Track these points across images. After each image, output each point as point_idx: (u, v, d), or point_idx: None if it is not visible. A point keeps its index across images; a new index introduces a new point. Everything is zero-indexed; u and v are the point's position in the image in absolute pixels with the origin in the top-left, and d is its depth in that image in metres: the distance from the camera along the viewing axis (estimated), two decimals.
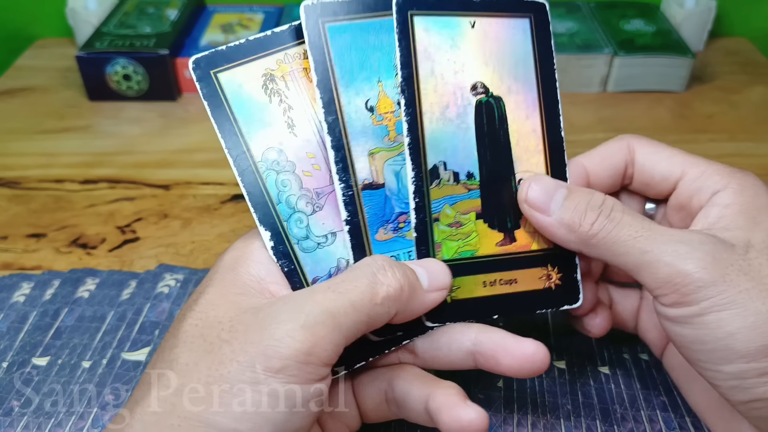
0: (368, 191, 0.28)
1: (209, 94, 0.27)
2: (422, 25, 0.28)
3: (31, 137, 0.57)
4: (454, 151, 0.29)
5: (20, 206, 0.49)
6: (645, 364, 0.36)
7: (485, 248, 0.29)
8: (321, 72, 0.27)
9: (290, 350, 0.23)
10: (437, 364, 0.29)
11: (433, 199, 0.28)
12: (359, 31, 0.28)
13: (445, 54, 0.29)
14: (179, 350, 0.25)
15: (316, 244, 0.28)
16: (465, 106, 0.29)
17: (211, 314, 0.26)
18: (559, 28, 0.65)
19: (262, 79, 0.28)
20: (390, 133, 0.28)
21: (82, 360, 0.36)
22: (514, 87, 0.30)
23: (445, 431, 0.26)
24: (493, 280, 0.29)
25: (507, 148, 0.29)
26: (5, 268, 0.43)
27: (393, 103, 0.28)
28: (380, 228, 0.28)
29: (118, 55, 0.59)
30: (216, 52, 0.28)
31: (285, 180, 0.28)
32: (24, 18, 0.73)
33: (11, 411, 0.33)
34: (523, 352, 0.27)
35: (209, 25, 0.67)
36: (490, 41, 0.29)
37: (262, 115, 0.28)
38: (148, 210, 0.49)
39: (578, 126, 0.59)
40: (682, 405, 0.33)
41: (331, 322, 0.24)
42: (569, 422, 0.33)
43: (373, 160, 0.28)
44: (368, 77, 0.28)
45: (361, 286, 0.25)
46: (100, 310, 0.39)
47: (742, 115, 0.60)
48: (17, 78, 0.66)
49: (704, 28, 0.69)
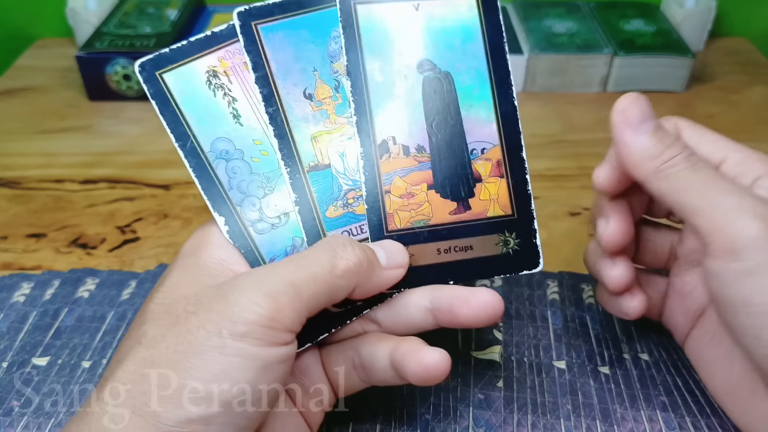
0: (315, 172, 0.30)
1: (156, 94, 0.29)
2: (365, 12, 0.31)
3: (31, 137, 0.57)
4: (402, 126, 0.30)
5: (20, 206, 0.49)
6: (645, 364, 0.36)
7: (438, 217, 0.30)
8: (258, 69, 0.30)
9: (254, 315, 0.24)
10: (399, 329, 0.29)
11: (384, 172, 0.30)
12: (290, 27, 0.30)
13: (390, 36, 0.31)
14: (147, 326, 0.26)
15: (270, 225, 0.30)
16: (412, 83, 0.31)
17: (176, 293, 0.27)
18: (559, 28, 0.65)
19: (205, 75, 0.30)
20: (330, 116, 0.30)
21: (82, 360, 0.36)
22: (462, 62, 0.31)
23: (410, 378, 0.27)
24: (447, 248, 0.30)
25: (458, 121, 0.31)
26: (5, 268, 0.43)
27: (330, 89, 0.30)
28: (330, 205, 0.30)
29: (118, 55, 0.59)
30: (160, 55, 0.30)
31: (235, 167, 0.30)
32: (24, 18, 0.73)
33: (11, 411, 0.33)
34: (479, 301, 0.28)
35: (209, 25, 0.67)
36: (435, 21, 0.31)
37: (208, 109, 0.30)
38: (148, 210, 0.49)
39: (578, 126, 0.59)
40: (682, 405, 0.33)
41: (293, 291, 0.25)
42: (569, 422, 0.33)
43: (317, 143, 0.30)
44: (304, 68, 0.30)
45: (321, 260, 0.26)
46: (100, 310, 0.39)
47: (742, 115, 0.60)
48: (17, 78, 0.66)
49: (704, 28, 0.69)
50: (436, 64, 0.31)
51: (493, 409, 0.33)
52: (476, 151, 0.31)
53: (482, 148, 0.31)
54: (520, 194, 0.31)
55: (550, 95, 0.63)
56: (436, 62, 0.31)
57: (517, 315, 0.39)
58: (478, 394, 0.34)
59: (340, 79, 0.30)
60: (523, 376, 0.35)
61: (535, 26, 0.65)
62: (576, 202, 0.49)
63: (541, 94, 0.63)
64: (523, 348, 0.37)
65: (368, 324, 0.30)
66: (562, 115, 0.60)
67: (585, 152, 0.55)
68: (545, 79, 0.63)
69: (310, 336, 0.29)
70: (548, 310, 0.39)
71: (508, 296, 0.40)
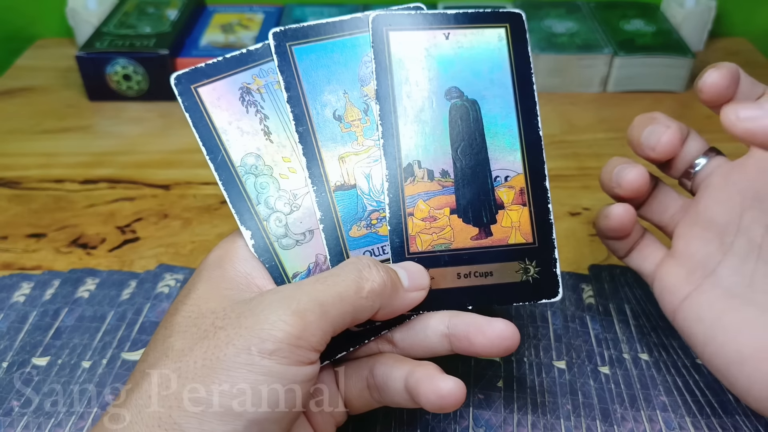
0: (340, 192, 0.30)
1: (190, 107, 0.30)
2: (397, 39, 0.31)
3: (31, 137, 0.57)
4: (428, 151, 0.31)
5: (20, 206, 0.49)
6: (645, 364, 0.36)
7: (460, 241, 0.31)
8: (291, 89, 0.31)
9: (283, 333, 0.24)
10: (415, 351, 0.30)
11: (408, 194, 0.30)
12: (323, 50, 0.31)
13: (420, 63, 0.31)
14: (173, 339, 0.26)
15: (295, 241, 0.30)
16: (440, 109, 0.31)
17: (203, 306, 0.27)
18: (559, 28, 0.65)
19: (239, 92, 0.31)
20: (358, 138, 0.31)
21: (82, 360, 0.36)
22: (489, 91, 0.32)
23: (424, 404, 0.27)
24: (468, 272, 0.30)
25: (483, 148, 0.31)
26: (5, 268, 0.43)
27: (359, 111, 0.31)
28: (354, 225, 0.30)
29: (118, 55, 0.59)
30: (196, 69, 0.31)
31: (263, 183, 0.30)
32: (24, 18, 0.73)
33: (11, 411, 0.33)
34: (494, 331, 0.28)
35: (209, 25, 0.67)
36: (464, 50, 0.32)
37: (240, 124, 0.30)
38: (148, 210, 0.49)
39: (578, 126, 0.59)
40: (682, 405, 0.33)
41: (320, 310, 0.25)
42: (569, 422, 0.33)
43: (344, 164, 0.31)
44: (334, 90, 0.31)
45: (347, 280, 0.26)
46: (100, 310, 0.39)
47: None
48: (17, 78, 0.66)
49: (704, 28, 0.69)
50: (464, 91, 0.31)
51: (493, 409, 0.33)
52: (500, 178, 0.31)
53: (506, 175, 0.31)
54: (541, 223, 0.31)
55: (550, 95, 0.63)
56: (464, 90, 0.31)
57: (517, 315, 0.39)
58: (478, 394, 0.34)
59: (369, 103, 0.31)
60: (523, 376, 0.35)
61: (535, 26, 0.65)
62: (576, 202, 0.49)
63: (541, 94, 0.62)
64: (523, 348, 0.37)
65: (384, 344, 0.30)
66: (562, 115, 0.60)
67: (585, 152, 0.55)
68: (545, 79, 0.63)
69: (328, 354, 0.29)
70: (548, 310, 0.39)
71: None
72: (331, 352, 0.29)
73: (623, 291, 0.41)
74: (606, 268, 0.42)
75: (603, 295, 0.40)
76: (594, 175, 0.51)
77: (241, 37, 0.65)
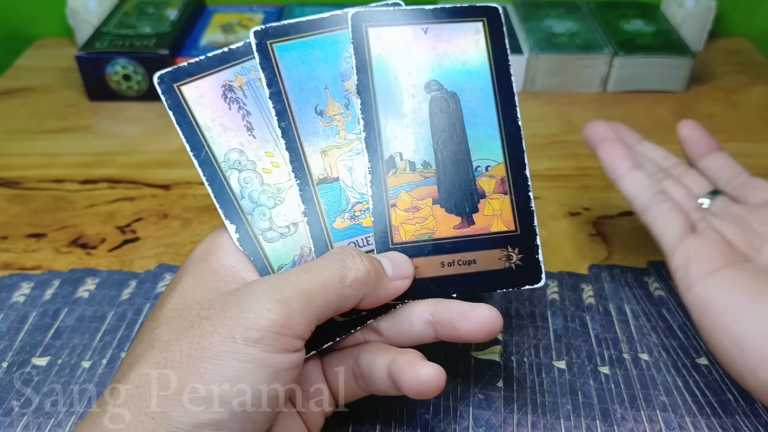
0: (324, 185, 0.31)
1: (173, 105, 0.31)
2: (376, 34, 0.32)
3: (31, 137, 0.57)
4: (409, 143, 0.31)
5: (20, 206, 0.49)
6: (645, 364, 0.36)
7: (443, 231, 0.31)
8: (273, 86, 0.31)
9: (267, 321, 0.25)
10: (401, 340, 0.30)
11: (391, 186, 0.31)
12: (304, 47, 0.32)
13: (399, 57, 0.32)
14: (160, 330, 0.26)
15: (279, 234, 0.30)
16: (420, 102, 0.32)
17: (189, 298, 0.27)
18: (559, 28, 0.65)
19: (221, 89, 0.31)
20: (340, 132, 0.31)
21: (82, 360, 0.36)
22: (468, 83, 0.32)
23: (405, 391, 0.27)
24: (451, 261, 0.31)
25: (463, 139, 0.32)
26: (5, 268, 0.43)
27: (340, 106, 0.32)
28: (337, 217, 0.31)
29: (118, 55, 0.59)
30: (179, 68, 0.31)
31: (247, 177, 0.31)
32: (24, 18, 0.73)
33: (11, 411, 0.33)
34: (478, 317, 0.28)
35: (209, 25, 0.67)
36: (443, 43, 0.32)
37: (223, 121, 0.31)
38: (148, 210, 0.49)
39: (578, 126, 0.58)
40: (682, 405, 0.33)
41: (304, 299, 0.26)
42: (569, 422, 0.33)
43: (326, 157, 0.31)
44: (315, 86, 0.31)
45: (331, 269, 0.27)
46: (100, 310, 0.39)
47: (742, 115, 0.60)
48: (17, 78, 0.66)
49: (704, 28, 0.69)
50: (443, 84, 0.32)
51: (493, 409, 0.33)
52: (481, 168, 0.32)
53: (487, 165, 0.32)
54: (523, 211, 0.31)
55: (550, 95, 0.63)
56: (443, 83, 0.32)
57: (517, 315, 0.39)
58: (478, 394, 0.34)
59: (350, 97, 0.32)
60: (523, 376, 0.35)
61: (535, 26, 0.65)
62: (576, 202, 0.49)
63: (541, 94, 0.63)
64: (523, 348, 0.37)
65: (370, 333, 0.30)
66: (562, 115, 0.60)
67: (585, 152, 0.55)
68: (545, 79, 0.63)
69: (315, 344, 0.29)
70: (548, 310, 0.39)
71: (508, 296, 0.40)
72: (316, 343, 0.29)
73: (623, 291, 0.41)
74: (606, 268, 0.42)
75: (603, 295, 0.40)
76: (594, 175, 0.51)
77: (241, 37, 0.65)
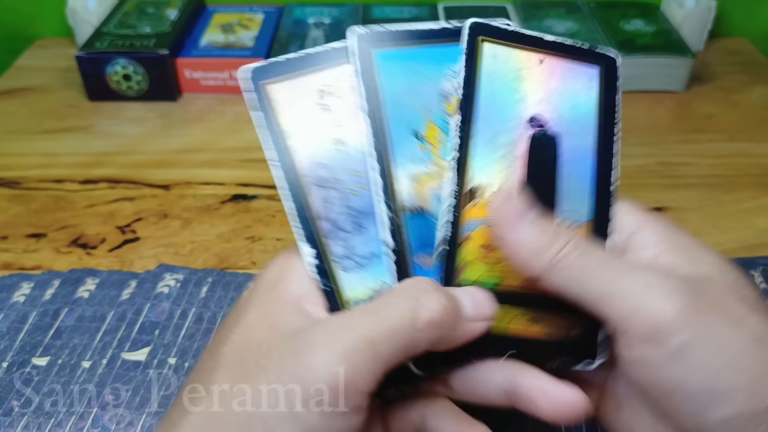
0: (412, 215, 0.27)
1: (257, 107, 0.27)
2: (491, 51, 0.29)
3: (31, 137, 0.57)
4: (498, 176, 0.28)
5: (20, 206, 0.49)
6: None
7: (511, 278, 0.28)
8: (369, 99, 0.27)
9: (326, 378, 0.22)
10: (470, 399, 0.27)
11: (471, 217, 0.28)
12: (407, 58, 0.28)
13: (509, 82, 0.29)
14: (218, 374, 0.24)
15: (356, 264, 0.27)
16: (519, 135, 0.29)
17: (249, 337, 0.25)
18: (559, 28, 0.65)
19: (314, 94, 0.28)
20: (435, 159, 0.28)
21: (82, 360, 0.36)
22: (572, 129, 0.29)
23: None
24: (512, 316, 0.27)
25: (553, 186, 0.29)
26: (5, 268, 0.43)
27: (439, 130, 0.28)
28: (424, 254, 0.27)
29: (118, 55, 0.59)
30: (269, 64, 0.27)
31: (329, 196, 0.27)
32: (24, 18, 0.73)
33: (11, 411, 0.33)
34: (561, 398, 0.25)
35: (209, 25, 0.67)
36: (555, 80, 0.29)
37: (311, 130, 0.27)
38: (148, 210, 0.49)
39: None
40: None
41: (369, 350, 0.22)
42: None
43: (417, 185, 0.28)
44: (415, 104, 0.28)
45: (402, 310, 0.23)
46: (100, 310, 0.39)
47: (742, 115, 0.60)
48: (17, 78, 0.66)
49: (704, 28, 0.69)
50: (547, 122, 0.29)
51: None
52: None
53: (573, 220, 0.29)
54: None
55: None
56: (548, 121, 0.29)
57: None
58: None
59: (449, 120, 0.28)
60: None
61: (535, 26, 0.65)
62: None
63: None
64: None
65: (437, 384, 0.27)
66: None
67: None
68: None
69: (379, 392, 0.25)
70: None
71: None
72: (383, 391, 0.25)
73: None
74: None
75: None
76: None
77: (241, 37, 0.65)
